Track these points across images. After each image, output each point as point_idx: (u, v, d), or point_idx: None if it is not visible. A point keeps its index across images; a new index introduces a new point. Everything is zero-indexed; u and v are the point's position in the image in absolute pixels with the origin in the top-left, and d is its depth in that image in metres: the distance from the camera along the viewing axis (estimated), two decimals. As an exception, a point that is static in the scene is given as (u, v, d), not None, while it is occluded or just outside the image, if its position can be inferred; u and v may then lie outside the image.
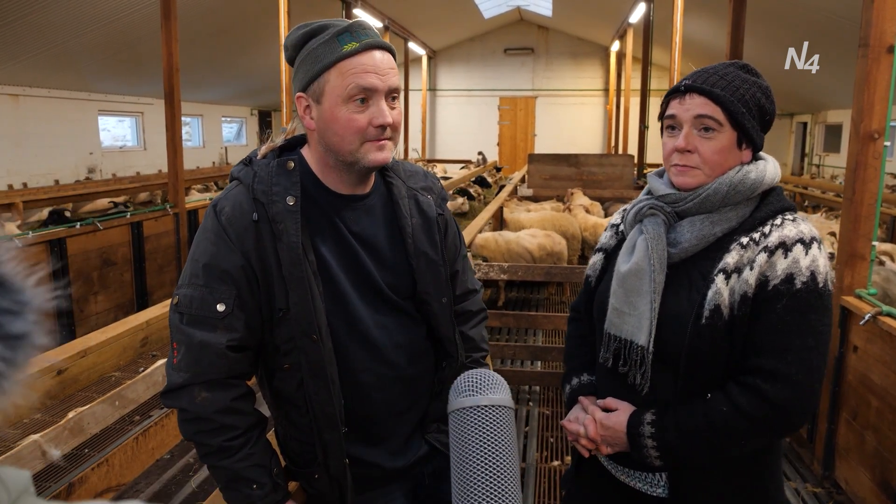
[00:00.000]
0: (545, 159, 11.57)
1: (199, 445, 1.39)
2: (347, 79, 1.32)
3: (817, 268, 1.36)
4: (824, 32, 10.52)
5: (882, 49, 3.15)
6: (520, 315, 4.92)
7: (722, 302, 1.37)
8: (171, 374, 1.37)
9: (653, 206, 1.51)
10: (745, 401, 1.35)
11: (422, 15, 16.85)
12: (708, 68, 1.48)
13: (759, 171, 1.44)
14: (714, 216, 1.44)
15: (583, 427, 1.55)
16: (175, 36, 6.82)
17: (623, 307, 1.50)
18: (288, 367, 1.42)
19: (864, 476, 3.15)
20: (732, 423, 1.36)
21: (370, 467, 1.52)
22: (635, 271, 1.48)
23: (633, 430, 1.45)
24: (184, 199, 7.49)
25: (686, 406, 1.41)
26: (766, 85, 1.47)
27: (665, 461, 1.43)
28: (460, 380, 1.29)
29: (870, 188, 3.28)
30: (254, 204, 1.38)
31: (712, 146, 1.42)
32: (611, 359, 1.53)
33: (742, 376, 1.38)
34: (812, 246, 1.37)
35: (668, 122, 1.49)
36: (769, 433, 1.41)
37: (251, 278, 1.38)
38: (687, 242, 1.45)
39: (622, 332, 1.50)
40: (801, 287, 1.34)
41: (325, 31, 1.35)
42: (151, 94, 15.12)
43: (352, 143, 1.36)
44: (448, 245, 1.62)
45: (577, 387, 1.68)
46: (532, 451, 3.93)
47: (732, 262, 1.38)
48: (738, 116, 1.41)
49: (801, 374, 1.33)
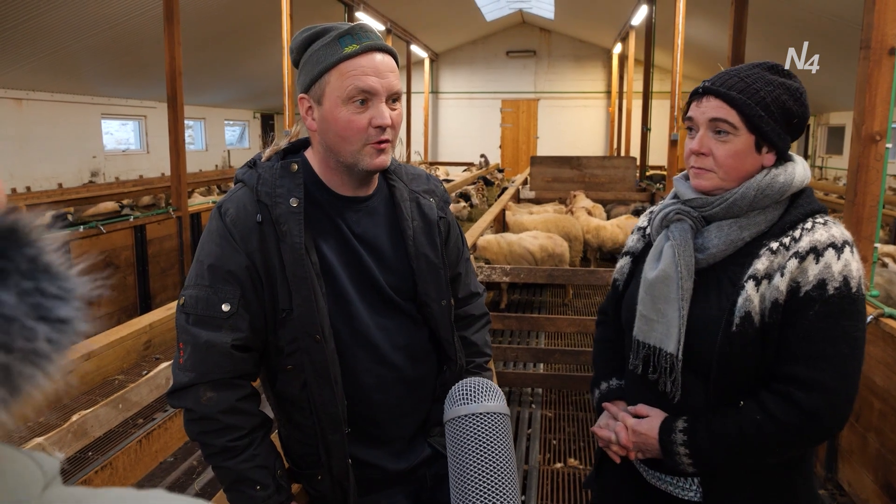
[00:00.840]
0: (547, 162, 11.58)
1: (204, 446, 1.40)
2: (347, 80, 1.33)
3: (850, 272, 1.33)
4: (826, 34, 10.52)
5: (883, 51, 3.16)
6: (522, 317, 4.92)
7: (752, 309, 1.35)
8: (177, 373, 1.38)
9: (679, 212, 1.49)
10: (779, 409, 1.34)
11: (424, 18, 16.88)
12: (732, 69, 1.45)
13: (787, 174, 1.41)
14: (742, 220, 1.42)
15: (614, 434, 1.55)
16: (178, 39, 6.84)
17: (651, 314, 1.49)
18: (291, 367, 1.43)
19: (867, 478, 3.15)
20: (765, 432, 1.34)
21: (373, 469, 1.53)
22: (662, 278, 1.46)
23: (664, 436, 1.44)
24: (187, 203, 7.51)
25: (718, 413, 1.40)
26: (797, 86, 1.41)
27: (698, 467, 1.43)
28: (455, 389, 1.29)
29: (872, 190, 3.28)
30: (258, 206, 1.39)
31: (726, 149, 1.40)
32: (640, 366, 1.52)
33: (775, 384, 1.36)
34: (844, 250, 1.34)
35: (688, 124, 1.48)
36: (803, 442, 1.38)
37: (255, 279, 1.39)
38: (715, 248, 1.43)
39: (651, 339, 1.49)
40: (833, 293, 1.31)
41: (327, 33, 1.36)
42: (154, 98, 15.16)
43: (352, 144, 1.37)
44: (450, 248, 1.63)
45: (605, 392, 1.67)
46: (535, 453, 3.93)
47: (763, 268, 1.36)
48: (754, 120, 1.37)
49: (835, 382, 1.31)
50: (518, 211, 8.67)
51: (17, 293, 0.32)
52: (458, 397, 1.28)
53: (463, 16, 18.10)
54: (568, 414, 4.48)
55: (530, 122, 22.18)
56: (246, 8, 12.15)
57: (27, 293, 0.32)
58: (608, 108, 20.96)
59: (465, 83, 22.34)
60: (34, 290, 0.33)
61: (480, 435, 1.22)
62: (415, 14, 16.15)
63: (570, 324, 4.68)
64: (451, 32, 20.25)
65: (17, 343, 0.32)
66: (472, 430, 1.22)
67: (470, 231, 5.81)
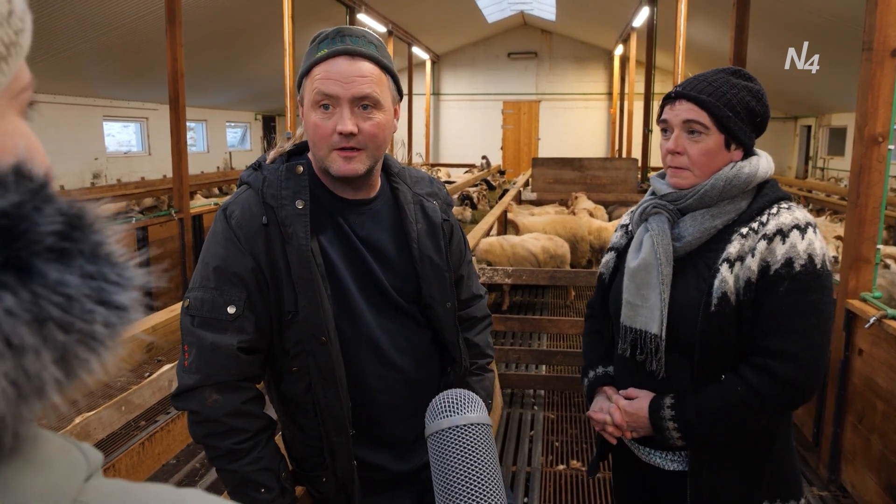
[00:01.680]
0: (549, 163, 11.57)
1: (209, 448, 1.40)
2: (314, 84, 1.35)
3: (814, 250, 1.46)
4: (828, 35, 10.52)
5: (886, 53, 3.16)
6: (524, 319, 4.92)
7: (728, 289, 1.47)
8: (182, 376, 1.38)
9: (656, 205, 1.63)
10: (757, 380, 1.46)
11: (425, 20, 16.89)
12: (699, 75, 1.59)
13: (752, 166, 1.55)
14: (713, 210, 1.55)
15: (608, 415, 1.66)
16: (180, 41, 6.84)
17: (636, 300, 1.61)
18: (296, 369, 1.43)
19: (871, 480, 3.14)
20: (747, 401, 1.47)
21: (377, 470, 1.53)
22: (644, 266, 1.58)
23: (654, 413, 1.56)
24: (189, 205, 7.51)
25: (703, 388, 1.52)
26: (759, 89, 1.56)
27: (687, 440, 1.54)
28: (435, 402, 1.27)
29: (874, 191, 3.28)
30: (263, 207, 1.39)
31: (699, 148, 1.54)
32: (628, 349, 1.64)
33: (752, 357, 1.49)
34: (808, 230, 1.47)
35: (662, 126, 1.62)
36: (781, 408, 1.53)
37: (261, 281, 1.39)
38: (690, 236, 1.56)
39: (636, 323, 1.61)
40: (800, 270, 1.44)
41: (318, 37, 1.38)
42: (156, 100, 15.18)
43: (320, 149, 1.38)
44: (453, 250, 1.63)
45: (593, 379, 1.78)
46: (537, 455, 3.93)
47: (735, 252, 1.49)
48: (723, 120, 1.51)
49: (805, 351, 1.44)
50: (519, 212, 8.67)
51: (81, 275, 0.33)
52: (440, 410, 1.26)
53: (464, 17, 18.12)
54: (570, 416, 4.48)
55: (532, 124, 22.19)
56: (247, 10, 12.16)
57: (90, 276, 0.34)
58: (609, 110, 20.96)
59: (467, 85, 22.35)
60: (96, 274, 0.34)
61: (466, 447, 1.21)
62: (416, 16, 16.16)
63: (571, 325, 4.68)
64: (452, 34, 20.26)
65: (76, 324, 0.32)
66: (457, 443, 1.20)
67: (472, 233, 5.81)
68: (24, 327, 0.31)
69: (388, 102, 1.40)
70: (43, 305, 0.31)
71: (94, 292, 0.34)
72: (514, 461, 3.86)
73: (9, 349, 0.30)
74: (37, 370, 0.31)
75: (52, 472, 0.36)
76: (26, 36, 0.41)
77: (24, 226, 0.32)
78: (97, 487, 0.38)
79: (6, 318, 0.30)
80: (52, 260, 0.32)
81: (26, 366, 0.31)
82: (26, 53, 0.41)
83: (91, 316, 0.33)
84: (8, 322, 0.30)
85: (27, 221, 0.32)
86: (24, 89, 0.42)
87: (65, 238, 0.33)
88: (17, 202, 0.32)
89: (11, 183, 0.33)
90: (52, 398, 0.33)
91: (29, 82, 0.42)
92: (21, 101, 0.42)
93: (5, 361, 0.30)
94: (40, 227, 0.32)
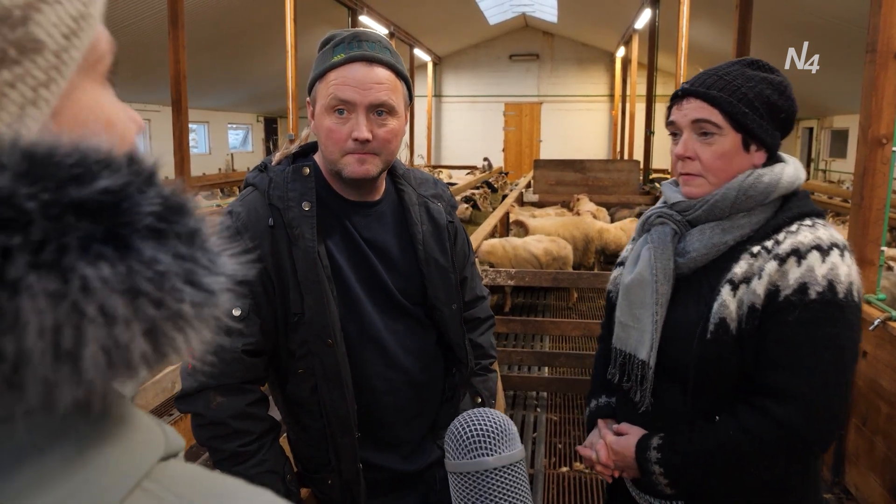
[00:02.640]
0: (551, 165, 11.57)
1: (213, 451, 1.39)
2: (329, 89, 1.34)
3: (836, 276, 1.22)
4: (830, 37, 10.51)
5: (889, 54, 3.15)
6: (527, 321, 4.91)
7: (728, 315, 1.28)
8: (185, 378, 1.38)
9: (661, 215, 1.44)
10: (753, 421, 1.25)
11: (427, 21, 16.91)
12: (710, 69, 1.39)
13: (773, 174, 1.33)
14: (725, 223, 1.34)
15: (595, 453, 1.51)
16: (182, 43, 6.86)
17: (627, 320, 1.44)
18: (302, 371, 1.43)
19: (875, 482, 3.14)
20: (741, 447, 1.26)
21: (382, 472, 1.53)
22: (638, 282, 1.41)
23: (640, 454, 1.37)
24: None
25: (695, 429, 1.32)
26: (780, 80, 1.35)
27: (675, 488, 1.35)
28: (462, 430, 1.13)
29: (878, 193, 3.27)
30: (269, 209, 1.39)
31: (713, 151, 1.33)
32: (617, 374, 1.48)
33: (752, 395, 1.28)
34: (831, 253, 1.24)
35: (671, 129, 1.42)
36: (782, 459, 1.27)
37: (267, 283, 1.39)
38: (696, 252, 1.35)
39: (626, 346, 1.44)
40: (815, 298, 1.22)
41: (332, 40, 1.38)
42: (158, 102, 15.20)
43: (332, 153, 1.38)
44: (457, 252, 1.63)
45: (594, 409, 1.62)
46: (540, 457, 3.92)
47: (741, 272, 1.29)
48: (738, 117, 1.30)
49: (814, 393, 1.21)
50: (521, 214, 8.67)
51: (174, 255, 0.35)
52: (468, 443, 1.11)
53: (466, 19, 18.13)
54: (573, 417, 4.47)
55: (533, 126, 22.19)
56: (249, 12, 12.18)
57: (182, 258, 0.35)
58: (611, 112, 20.97)
59: (469, 87, 22.36)
60: (188, 256, 0.36)
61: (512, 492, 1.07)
62: (418, 18, 16.17)
63: (574, 327, 4.68)
64: (454, 36, 20.28)
65: (166, 300, 0.34)
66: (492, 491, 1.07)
67: (474, 235, 5.81)
68: (118, 297, 0.32)
69: (402, 108, 1.40)
70: (137, 280, 0.33)
71: (185, 273, 0.35)
72: (516, 463, 3.84)
73: (102, 317, 0.32)
74: (126, 341, 0.33)
75: (128, 447, 0.37)
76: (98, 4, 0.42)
77: (126, 204, 0.34)
78: (169, 469, 0.39)
79: (102, 287, 0.32)
80: (148, 238, 0.34)
81: (117, 335, 0.32)
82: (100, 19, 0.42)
83: (180, 295, 0.34)
84: (104, 291, 0.32)
85: (130, 201, 0.34)
86: (102, 57, 0.43)
87: (162, 220, 0.35)
88: (124, 182, 0.34)
89: (123, 166, 0.35)
90: (139, 371, 0.34)
91: (107, 49, 0.43)
92: (99, 70, 0.43)
93: (98, 328, 0.32)
94: (141, 208, 0.34)
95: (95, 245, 0.32)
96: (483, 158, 18.67)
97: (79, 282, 0.31)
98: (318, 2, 11.75)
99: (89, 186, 0.33)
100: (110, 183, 0.33)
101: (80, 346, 0.31)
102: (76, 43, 0.39)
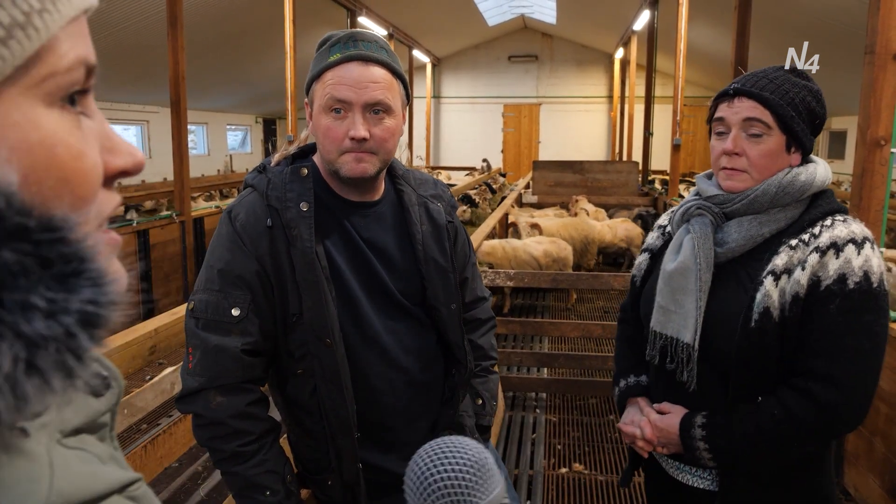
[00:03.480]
0: (550, 166, 11.58)
1: (213, 451, 1.40)
2: (326, 89, 1.35)
3: (870, 268, 1.34)
4: (829, 39, 10.52)
5: (888, 56, 3.16)
6: (526, 322, 4.91)
7: (771, 304, 1.37)
8: (185, 378, 1.38)
9: (700, 206, 1.53)
10: (796, 404, 1.36)
11: (426, 23, 16.90)
12: (758, 72, 1.48)
13: (808, 173, 1.45)
14: (762, 217, 1.45)
15: (639, 429, 1.59)
16: (181, 44, 6.85)
17: (669, 305, 1.52)
18: (301, 372, 1.43)
19: (874, 482, 3.14)
20: (783, 427, 1.37)
21: (383, 473, 1.53)
22: (682, 270, 1.49)
23: (685, 432, 1.48)
24: (190, 207, 7.51)
25: (738, 409, 1.43)
26: (817, 88, 1.47)
27: (718, 462, 1.46)
28: (427, 469, 0.99)
29: (876, 195, 3.28)
30: (268, 210, 1.40)
31: (760, 149, 1.43)
32: (657, 356, 1.56)
33: (794, 379, 1.39)
34: (864, 246, 1.36)
35: (717, 126, 1.50)
36: (821, 436, 1.41)
37: (265, 283, 1.39)
38: (734, 242, 1.46)
39: (668, 329, 1.52)
40: (854, 287, 1.33)
41: (329, 41, 1.38)
42: (157, 103, 15.19)
43: (330, 152, 1.38)
44: (457, 252, 1.63)
45: (624, 389, 1.71)
46: (539, 458, 3.92)
47: (782, 264, 1.38)
48: (787, 120, 1.41)
49: (852, 377, 1.33)
50: (520, 215, 8.68)
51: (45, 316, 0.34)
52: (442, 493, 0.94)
53: (465, 21, 18.12)
54: (572, 418, 4.47)
55: (532, 127, 22.19)
56: (249, 13, 12.17)
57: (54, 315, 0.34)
58: (610, 113, 20.97)
59: (468, 88, 22.35)
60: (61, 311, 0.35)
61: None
62: (417, 19, 16.17)
63: (573, 328, 4.68)
64: (453, 37, 20.27)
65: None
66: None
67: (473, 236, 5.81)
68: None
69: (399, 107, 1.41)
70: None
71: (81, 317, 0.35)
72: (516, 465, 3.85)
73: None
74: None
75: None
76: (52, 18, 0.38)
77: None
78: None
79: None
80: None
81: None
82: (52, 34, 0.38)
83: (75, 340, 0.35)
84: None
85: None
86: (53, 75, 0.39)
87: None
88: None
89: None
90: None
91: (66, 68, 0.39)
92: (48, 89, 0.39)
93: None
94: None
95: None
96: (482, 159, 18.67)
97: None
98: (317, 3, 11.75)
99: None
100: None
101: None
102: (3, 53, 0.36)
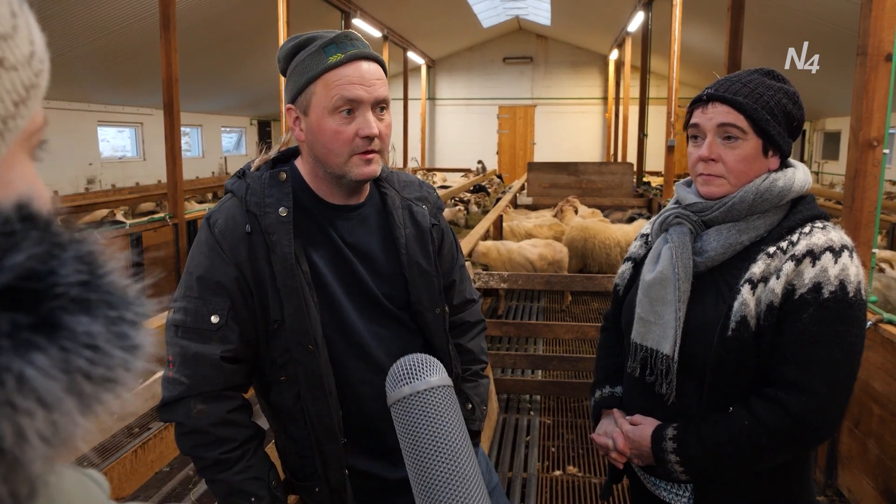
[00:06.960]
0: (544, 167, 11.57)
1: (197, 459, 1.38)
2: (333, 90, 1.32)
3: (847, 277, 1.32)
4: (822, 40, 10.55)
5: (880, 57, 3.16)
6: (520, 324, 4.91)
7: (748, 313, 1.35)
8: (166, 387, 1.37)
9: (678, 215, 1.51)
10: (767, 413, 1.34)
11: (421, 25, 16.91)
12: (731, 76, 1.46)
13: (787, 178, 1.42)
14: (741, 224, 1.43)
15: (611, 440, 1.57)
16: (174, 46, 6.83)
17: (648, 316, 1.50)
18: (284, 379, 1.42)
19: (867, 484, 3.13)
20: (754, 437, 1.35)
21: (371, 479, 1.51)
22: (660, 280, 1.48)
23: (656, 444, 1.46)
24: (183, 210, 7.48)
25: (709, 419, 1.41)
26: (794, 90, 1.44)
27: (690, 475, 1.43)
28: (393, 370, 1.23)
29: (869, 196, 3.28)
30: (247, 216, 1.38)
31: (736, 154, 1.41)
32: (638, 368, 1.54)
33: (765, 388, 1.37)
34: (842, 254, 1.34)
35: (692, 132, 1.48)
36: (792, 447, 1.38)
37: (245, 290, 1.37)
38: (713, 251, 1.44)
39: (648, 341, 1.50)
40: (829, 297, 1.31)
41: (312, 42, 1.36)
42: (151, 105, 15.16)
43: (339, 155, 1.36)
44: (443, 255, 1.61)
45: (599, 399, 1.69)
46: (533, 460, 3.91)
47: (759, 272, 1.37)
48: (762, 124, 1.39)
49: (824, 387, 1.31)
50: (515, 217, 8.67)
51: (105, 323, 0.33)
52: (400, 377, 1.23)
53: (460, 23, 18.14)
54: (566, 421, 4.46)
55: (527, 129, 22.21)
56: (243, 15, 12.15)
57: (111, 321, 0.34)
58: (605, 115, 21.00)
59: (463, 90, 22.37)
60: (116, 319, 0.34)
61: (429, 412, 1.18)
62: (412, 21, 16.17)
63: (567, 330, 4.67)
64: (448, 39, 20.28)
65: (97, 371, 0.33)
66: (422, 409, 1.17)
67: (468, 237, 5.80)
68: (54, 383, 0.31)
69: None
70: (71, 359, 0.31)
71: (115, 337, 0.34)
72: (510, 467, 3.84)
73: (41, 408, 0.30)
74: (65, 424, 0.31)
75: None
76: (45, 77, 0.40)
77: (48, 281, 0.32)
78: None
79: (37, 376, 0.30)
80: (77, 311, 0.32)
81: (56, 420, 0.31)
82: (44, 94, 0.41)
83: (111, 361, 0.33)
84: (39, 380, 0.30)
85: (52, 276, 0.32)
86: (38, 130, 0.42)
87: (88, 288, 0.33)
88: (37, 254, 0.32)
89: (20, 231, 0.32)
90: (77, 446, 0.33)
91: (42, 123, 0.42)
92: (33, 142, 0.42)
93: (37, 420, 0.30)
94: (64, 279, 0.32)
95: (25, 334, 0.30)
96: (477, 161, 18.67)
97: (14, 381, 0.29)
98: (310, 5, 11.74)
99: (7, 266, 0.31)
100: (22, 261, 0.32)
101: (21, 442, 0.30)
102: (23, 112, 0.38)
